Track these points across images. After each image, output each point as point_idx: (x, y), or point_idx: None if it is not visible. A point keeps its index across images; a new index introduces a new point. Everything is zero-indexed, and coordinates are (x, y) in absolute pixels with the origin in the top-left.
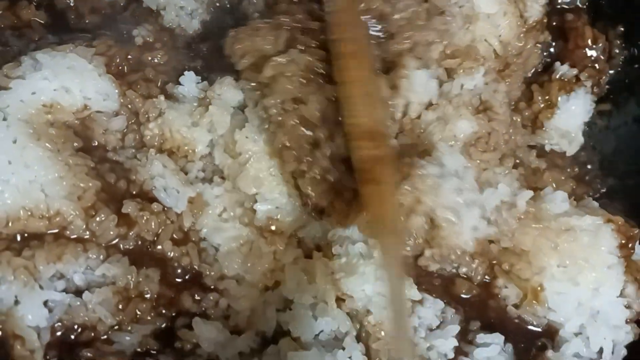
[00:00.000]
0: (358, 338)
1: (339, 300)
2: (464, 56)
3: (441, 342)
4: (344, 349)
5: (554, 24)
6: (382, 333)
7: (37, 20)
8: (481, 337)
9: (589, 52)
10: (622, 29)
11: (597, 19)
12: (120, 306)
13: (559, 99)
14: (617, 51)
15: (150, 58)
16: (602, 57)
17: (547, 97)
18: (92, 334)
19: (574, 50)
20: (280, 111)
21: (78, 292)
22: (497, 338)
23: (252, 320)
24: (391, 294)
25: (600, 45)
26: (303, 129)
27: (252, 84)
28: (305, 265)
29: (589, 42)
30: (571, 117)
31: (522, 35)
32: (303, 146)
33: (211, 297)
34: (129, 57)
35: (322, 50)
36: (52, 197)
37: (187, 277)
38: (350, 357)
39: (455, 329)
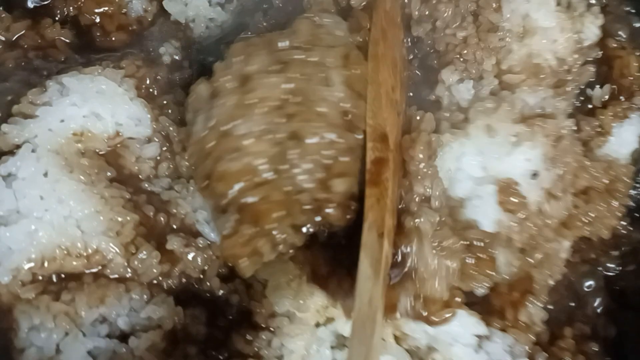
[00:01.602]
0: None
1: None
2: (527, 73)
3: None
4: None
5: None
6: None
7: (62, 40)
8: None
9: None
10: None
11: None
12: (167, 351)
13: (613, 125)
14: None
15: (179, 78)
16: None
17: (597, 124)
18: None
19: (619, 78)
20: None
21: (122, 337)
22: None
23: (306, 359)
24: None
25: None
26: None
27: None
28: None
29: (635, 71)
30: (622, 145)
31: (577, 54)
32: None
33: (264, 337)
34: (158, 77)
35: None
36: (89, 233)
37: (235, 316)
38: None
39: None
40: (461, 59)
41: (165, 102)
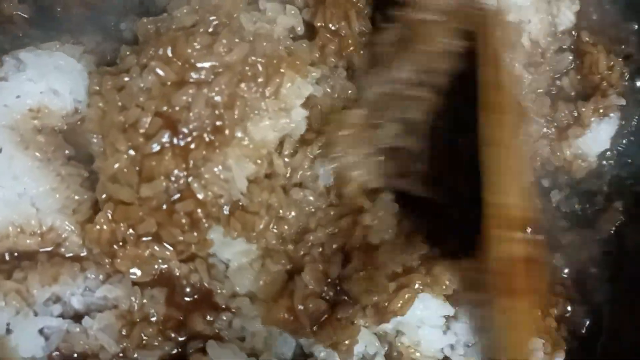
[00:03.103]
0: (387, 358)
1: None
2: None
3: None
4: None
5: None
6: (418, 354)
7: (21, 14)
8: None
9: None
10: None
11: None
12: (124, 331)
13: (592, 120)
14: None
15: None
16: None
17: (576, 115)
18: None
19: (588, 75)
20: None
21: (76, 317)
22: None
23: (269, 341)
24: None
25: (617, 69)
26: None
27: None
28: None
29: (604, 70)
30: (595, 142)
31: (550, 38)
32: None
33: (224, 317)
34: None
35: None
36: (44, 211)
37: (196, 296)
38: None
39: None
40: None
41: None
